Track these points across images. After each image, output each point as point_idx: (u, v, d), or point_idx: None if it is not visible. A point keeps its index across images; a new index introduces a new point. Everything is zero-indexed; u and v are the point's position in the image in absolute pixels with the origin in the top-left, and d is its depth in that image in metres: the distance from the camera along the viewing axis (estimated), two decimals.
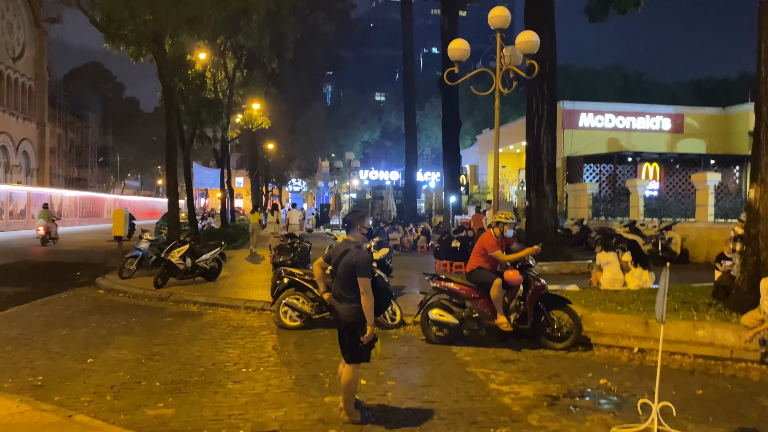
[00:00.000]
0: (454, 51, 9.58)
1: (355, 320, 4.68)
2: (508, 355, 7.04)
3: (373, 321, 4.68)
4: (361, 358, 4.77)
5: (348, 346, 4.78)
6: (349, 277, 4.67)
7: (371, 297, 4.63)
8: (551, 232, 14.72)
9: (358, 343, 4.68)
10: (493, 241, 7.63)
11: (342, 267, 4.74)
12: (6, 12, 47.71)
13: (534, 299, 7.37)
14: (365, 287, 4.61)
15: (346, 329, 4.77)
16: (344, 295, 4.75)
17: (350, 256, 4.68)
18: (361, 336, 4.64)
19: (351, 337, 4.73)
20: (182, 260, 11.97)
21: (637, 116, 28.11)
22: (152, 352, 7.11)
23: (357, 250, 4.73)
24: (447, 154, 22.50)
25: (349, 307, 4.70)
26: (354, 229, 4.92)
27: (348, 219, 5.04)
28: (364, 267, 4.64)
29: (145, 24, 16.44)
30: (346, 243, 4.86)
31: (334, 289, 4.90)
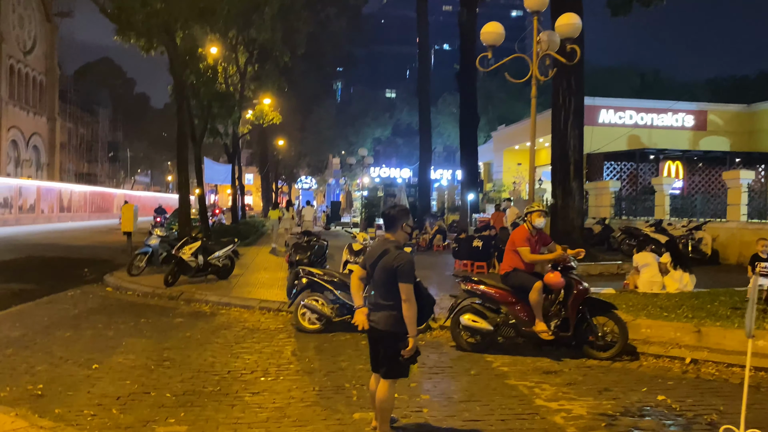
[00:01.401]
0: (487, 35, 8.98)
1: (394, 330, 4.10)
2: (549, 366, 6.45)
3: (416, 332, 4.10)
4: (399, 374, 4.20)
5: (385, 360, 4.18)
6: (389, 282, 4.09)
7: (414, 305, 4.05)
8: (578, 231, 14.07)
9: (396, 356, 4.09)
10: (523, 236, 7.06)
11: (380, 270, 4.15)
12: (17, 6, 47.51)
13: (577, 304, 6.77)
14: (408, 294, 4.02)
15: (383, 340, 4.18)
16: (381, 301, 4.16)
17: (390, 259, 4.09)
18: (402, 349, 4.06)
19: (388, 349, 4.14)
20: (194, 257, 11.47)
21: (659, 113, 27.39)
22: (162, 358, 6.58)
23: (398, 252, 4.12)
24: (464, 151, 21.86)
25: (388, 315, 4.12)
26: (396, 226, 4.26)
27: (390, 215, 4.32)
28: (406, 271, 4.04)
29: (157, 14, 15.98)
30: (385, 243, 4.25)
31: (373, 294, 4.30)
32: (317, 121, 55.13)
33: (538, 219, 7.10)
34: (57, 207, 37.82)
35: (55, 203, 37.51)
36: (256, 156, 58.36)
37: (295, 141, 55.83)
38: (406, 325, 4.04)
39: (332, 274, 8.47)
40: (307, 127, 54.96)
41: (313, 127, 55.15)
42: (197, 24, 18.69)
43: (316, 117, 55.17)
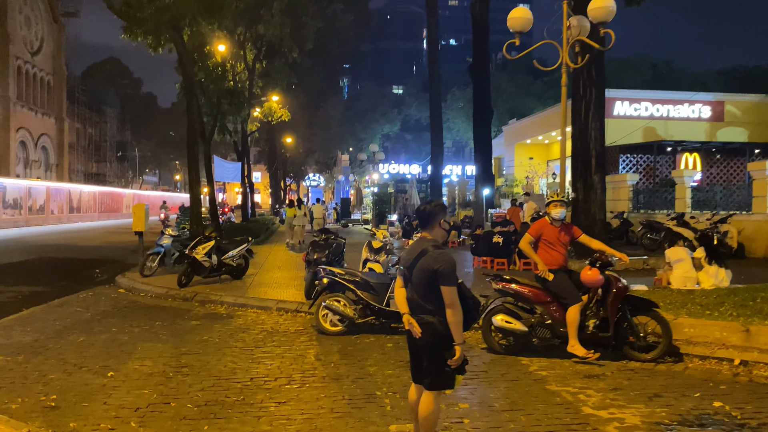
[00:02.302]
0: (514, 20, 8.58)
1: (437, 337, 3.74)
2: (590, 369, 6.08)
3: (463, 339, 3.73)
4: (445, 385, 3.83)
5: (429, 370, 3.81)
6: (429, 286, 3.71)
7: (459, 309, 3.67)
8: (600, 225, 13.65)
9: (442, 366, 3.73)
10: (537, 225, 6.78)
11: (419, 272, 3.76)
12: (24, 6, 47.38)
13: (616, 303, 6.39)
14: (452, 298, 3.65)
15: (425, 348, 3.81)
16: (426, 306, 3.78)
17: (429, 260, 3.70)
18: (448, 358, 3.69)
19: (433, 358, 3.78)
20: (208, 257, 11.15)
21: (675, 104, 26.88)
22: (180, 364, 6.25)
23: (437, 252, 3.73)
24: (478, 145, 21.43)
25: (436, 322, 3.75)
26: (433, 224, 3.87)
27: (425, 211, 3.92)
28: (448, 273, 3.67)
29: (165, 9, 15.68)
30: (422, 242, 3.87)
31: (409, 299, 3.92)
32: (325, 118, 54.85)
33: (555, 210, 6.76)
34: (66, 207, 37.69)
35: (64, 204, 37.38)
36: (264, 154, 58.19)
37: (303, 138, 55.58)
38: (451, 331, 3.68)
39: (354, 273, 8.13)
40: (315, 123, 54.70)
41: (321, 123, 54.87)
42: (205, 20, 18.40)
43: (323, 114, 54.89)
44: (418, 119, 57.23)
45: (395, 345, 7.10)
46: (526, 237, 6.79)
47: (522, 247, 6.82)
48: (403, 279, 3.97)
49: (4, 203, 29.92)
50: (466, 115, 47.48)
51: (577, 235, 6.91)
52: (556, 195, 6.93)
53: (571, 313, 6.32)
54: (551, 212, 6.71)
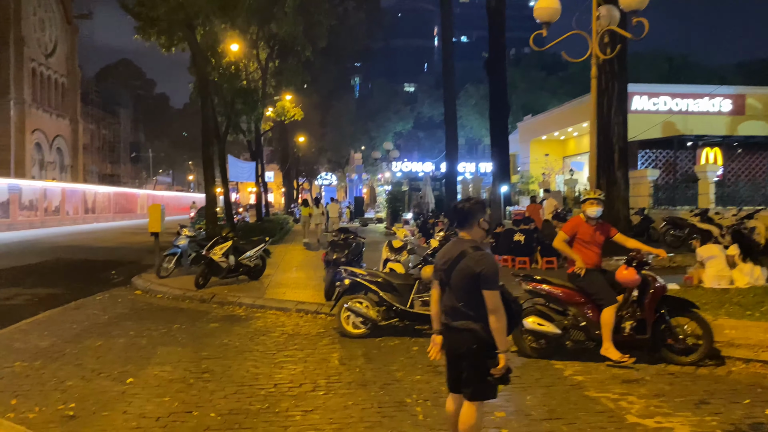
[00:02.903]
0: (541, 10, 8.29)
1: (479, 345, 3.48)
2: (627, 373, 5.80)
3: (507, 346, 3.48)
4: (487, 394, 3.58)
5: (471, 380, 3.56)
6: (470, 290, 3.45)
7: (503, 315, 3.42)
8: (624, 222, 13.29)
9: (485, 375, 3.48)
10: (571, 222, 6.51)
11: (458, 276, 3.50)
12: (38, 9, 47.66)
13: (654, 304, 6.10)
14: (495, 303, 3.39)
15: (466, 357, 3.56)
16: (467, 312, 3.52)
17: (470, 262, 3.45)
18: (491, 367, 3.44)
19: (473, 367, 3.53)
20: (225, 258, 10.96)
21: (694, 98, 26.32)
22: (201, 369, 6.05)
23: (478, 254, 3.48)
24: (495, 141, 21.08)
25: (475, 331, 3.49)
26: (471, 223, 3.60)
27: (463, 209, 3.64)
28: (491, 276, 3.41)
29: (179, 8, 15.55)
30: (460, 243, 3.61)
31: (446, 304, 3.66)
32: (337, 117, 54.68)
33: (591, 208, 6.48)
34: (82, 208, 37.83)
35: (79, 205, 37.52)
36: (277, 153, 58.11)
37: (316, 137, 55.44)
38: (493, 338, 3.43)
39: (375, 274, 7.90)
40: (328, 122, 54.55)
41: (333, 122, 54.72)
42: (218, 18, 18.28)
43: (336, 112, 54.72)
44: (430, 116, 56.93)
45: (421, 348, 6.85)
46: (560, 235, 6.51)
47: (557, 246, 6.53)
48: (439, 283, 3.71)
49: (20, 205, 30.04)
50: (479, 112, 47.13)
51: (613, 234, 6.63)
52: (592, 192, 6.63)
53: (606, 315, 6.05)
54: (586, 210, 6.44)
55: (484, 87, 45.45)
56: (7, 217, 28.66)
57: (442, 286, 3.68)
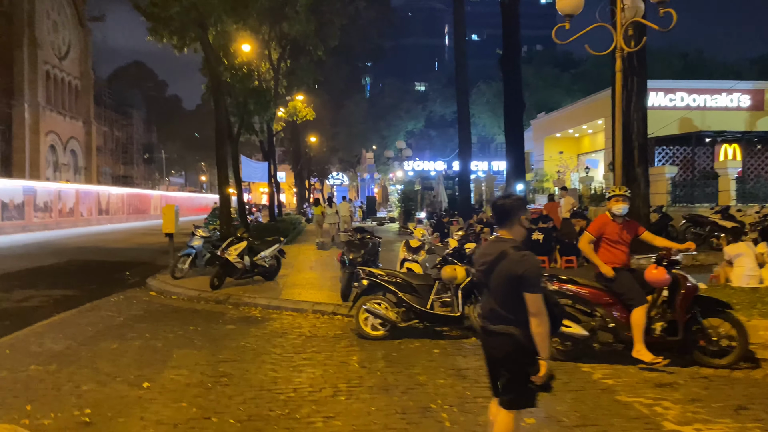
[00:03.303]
0: (564, 3, 8.07)
1: (519, 351, 3.29)
2: (659, 377, 5.59)
3: (549, 353, 3.29)
4: (525, 402, 3.39)
5: (510, 387, 3.37)
6: (510, 293, 3.26)
7: (546, 319, 3.22)
8: (644, 220, 13.01)
9: (523, 382, 3.30)
10: (597, 222, 6.27)
11: (498, 277, 3.31)
12: (51, 12, 47.98)
13: (685, 304, 5.88)
14: (537, 306, 3.20)
15: (504, 363, 3.38)
16: (507, 316, 3.32)
17: (511, 263, 3.25)
18: (532, 374, 3.26)
19: (512, 373, 3.34)
20: (240, 258, 10.85)
21: (712, 94, 25.95)
22: (218, 372, 5.92)
23: (520, 254, 3.28)
24: (510, 139, 20.79)
25: (516, 336, 3.30)
26: (512, 220, 3.41)
27: (503, 206, 3.44)
28: (534, 278, 3.23)
29: (191, 7, 15.49)
30: (499, 243, 3.40)
31: (484, 307, 3.50)
32: (348, 116, 54.56)
33: (617, 205, 6.25)
34: (96, 210, 37.98)
35: (93, 206, 37.67)
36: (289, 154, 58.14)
37: (327, 137, 55.37)
38: (534, 343, 3.25)
39: (394, 274, 7.73)
40: (339, 122, 54.45)
41: (344, 122, 54.61)
42: (230, 18, 18.19)
43: (347, 112, 54.61)
44: (442, 115, 56.66)
45: (442, 351, 6.68)
46: (585, 236, 6.29)
47: (582, 248, 6.31)
48: (478, 284, 3.55)
49: (35, 206, 30.18)
50: (491, 110, 46.83)
51: (641, 233, 6.41)
52: (618, 189, 6.41)
53: (636, 316, 5.83)
54: (612, 208, 6.23)
55: (497, 84, 45.24)
56: (23, 219, 28.81)
57: (480, 287, 3.52)
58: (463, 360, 6.29)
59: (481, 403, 4.95)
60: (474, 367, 5.99)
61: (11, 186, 28.76)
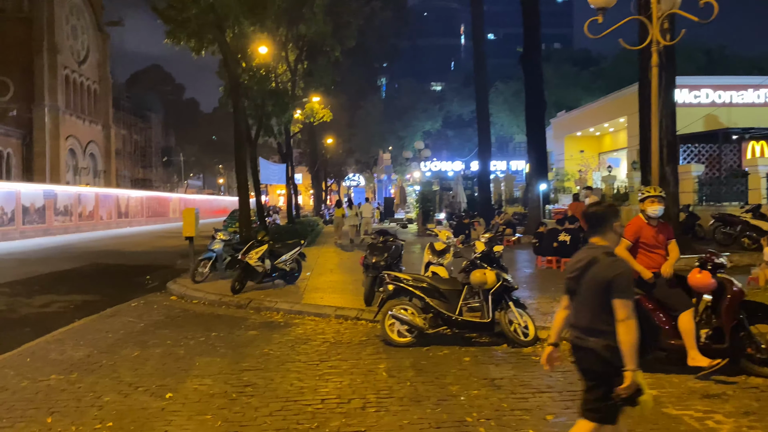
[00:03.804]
0: None
1: (606, 363, 3.13)
2: (706, 386, 5.29)
3: (636, 364, 3.06)
4: (606, 418, 3.18)
5: (591, 399, 3.21)
6: (601, 301, 3.15)
7: (634, 327, 3.05)
8: (673, 220, 12.66)
9: (608, 396, 3.13)
10: (633, 227, 5.95)
11: (588, 284, 3.21)
12: (70, 17, 48.45)
13: (731, 310, 5.57)
14: (626, 313, 3.06)
15: (591, 373, 3.23)
16: (596, 326, 3.18)
17: (601, 269, 3.16)
18: (615, 385, 3.07)
19: (597, 386, 3.19)
20: (261, 262, 10.69)
21: (738, 90, 25.33)
22: (242, 382, 5.72)
23: (611, 260, 3.19)
24: (532, 138, 20.53)
25: (607, 345, 3.13)
26: (605, 227, 3.35)
27: (596, 214, 3.39)
28: (624, 284, 3.11)
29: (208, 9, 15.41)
30: (592, 249, 3.32)
31: (577, 316, 3.34)
32: (365, 117, 54.41)
33: (652, 206, 5.95)
34: (115, 213, 38.23)
35: (113, 209, 37.92)
36: (306, 155, 58.18)
37: (344, 138, 55.29)
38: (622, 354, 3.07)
39: (420, 278, 7.49)
40: (355, 123, 54.33)
41: (360, 123, 54.48)
42: (248, 20, 18.10)
43: (363, 113, 54.47)
44: (459, 115, 56.27)
45: (473, 359, 6.43)
46: (623, 242, 5.94)
47: (620, 255, 6.00)
48: (568, 292, 3.42)
49: (56, 210, 30.41)
50: (509, 109, 46.37)
51: (671, 237, 6.11)
52: (652, 189, 6.11)
53: (684, 321, 5.53)
54: (647, 209, 5.92)
55: (514, 83, 44.80)
56: (43, 223, 29.04)
57: (571, 295, 3.39)
58: (495, 369, 6.04)
59: (519, 416, 4.71)
60: (508, 377, 5.74)
61: (32, 190, 29.00)
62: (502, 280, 7.01)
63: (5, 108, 43.51)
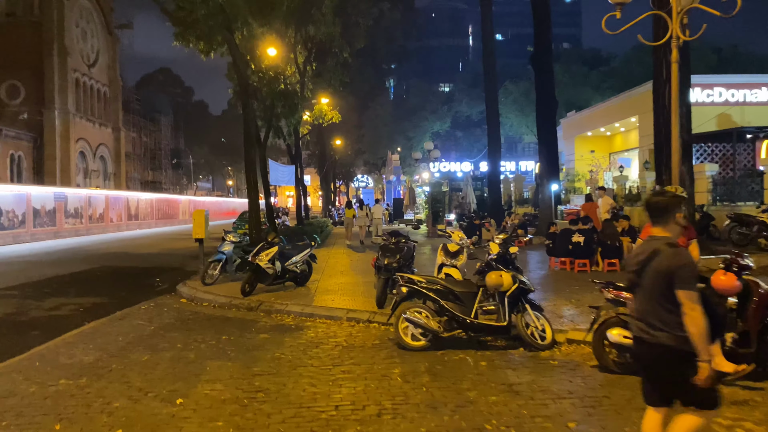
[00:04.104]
0: None
1: (674, 355, 3.12)
2: (732, 393, 5.11)
3: (709, 354, 3.08)
4: (711, 402, 3.21)
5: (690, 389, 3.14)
6: (664, 292, 3.13)
7: (700, 318, 3.04)
8: (690, 220, 12.44)
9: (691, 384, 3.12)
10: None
11: (651, 276, 3.20)
12: (80, 20, 48.67)
13: (759, 312, 5.40)
14: (692, 304, 3.05)
15: (670, 367, 3.17)
16: (663, 319, 3.15)
17: (664, 260, 3.13)
18: (691, 376, 3.07)
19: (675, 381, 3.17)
20: (271, 264, 10.58)
21: (751, 88, 25.01)
22: (254, 387, 5.60)
23: (673, 250, 3.15)
24: (543, 137, 20.34)
25: (666, 337, 3.13)
26: (667, 218, 3.29)
27: (658, 204, 3.33)
28: (687, 274, 3.09)
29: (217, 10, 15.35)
30: (653, 241, 3.28)
31: (639, 309, 3.30)
32: (373, 118, 54.28)
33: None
34: (125, 215, 38.31)
35: (123, 211, 38.00)
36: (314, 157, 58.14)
37: (352, 139, 55.20)
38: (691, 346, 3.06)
39: (434, 281, 7.34)
40: (364, 124, 54.23)
41: (369, 124, 54.36)
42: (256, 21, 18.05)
43: (372, 114, 54.36)
44: (468, 115, 56.02)
45: (489, 363, 6.28)
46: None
47: None
48: (630, 287, 3.40)
49: (66, 213, 30.49)
50: (519, 109, 46.09)
51: (693, 237, 5.95)
52: (675, 189, 5.92)
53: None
54: None
55: (523, 83, 44.56)
56: (54, 225, 29.12)
57: (634, 288, 3.35)
58: (513, 374, 5.88)
59: (540, 424, 4.56)
60: (527, 382, 5.58)
61: (43, 193, 29.09)
62: (518, 282, 6.86)
63: (16, 111, 43.75)
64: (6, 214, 25.25)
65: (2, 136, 40.37)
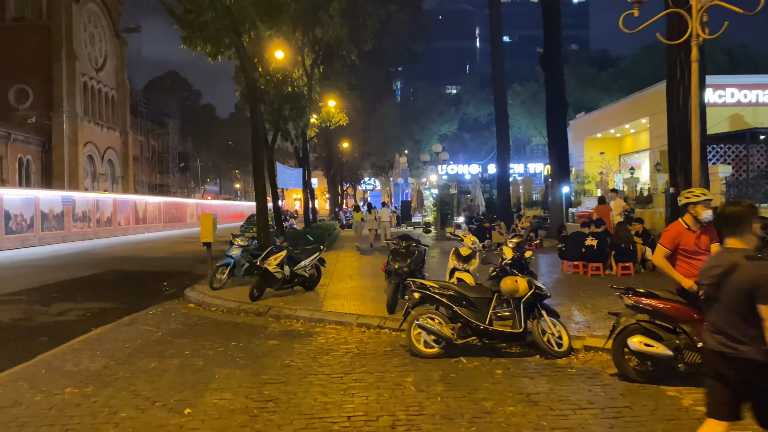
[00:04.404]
0: None
1: (757, 371, 3.02)
2: None
3: None
4: None
5: None
6: (746, 307, 3.01)
7: None
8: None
9: None
10: (671, 232, 5.58)
11: (732, 292, 3.06)
12: (88, 24, 48.83)
13: None
14: None
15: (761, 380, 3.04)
16: (747, 332, 3.02)
17: (744, 275, 3.01)
18: None
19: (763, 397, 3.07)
20: (280, 268, 10.44)
21: (764, 89, 24.73)
22: (264, 396, 5.46)
23: (754, 264, 3.03)
24: (553, 140, 20.15)
25: (761, 351, 3.01)
26: (743, 228, 3.19)
27: (733, 214, 3.22)
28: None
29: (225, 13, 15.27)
30: (729, 253, 3.16)
31: (716, 323, 3.17)
32: (381, 121, 54.18)
33: (705, 211, 5.56)
34: (133, 219, 38.34)
35: (131, 215, 38.03)
36: (321, 160, 58.10)
37: (360, 142, 55.12)
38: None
39: (447, 286, 7.18)
40: (371, 127, 54.13)
41: (377, 126, 54.26)
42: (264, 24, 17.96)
43: (379, 116, 54.26)
44: (476, 118, 55.84)
45: (505, 371, 6.10)
46: (661, 250, 5.60)
47: (658, 263, 5.64)
48: (706, 300, 3.26)
49: (74, 216, 30.52)
50: (527, 111, 45.86)
51: (715, 241, 5.73)
52: (700, 191, 5.71)
53: None
54: (699, 214, 5.55)
55: (532, 85, 44.32)
56: (62, 229, 29.14)
57: (709, 302, 3.22)
58: (530, 383, 5.70)
59: None
60: (545, 391, 5.40)
61: (51, 196, 29.12)
62: (534, 287, 6.68)
63: (25, 115, 43.89)
64: (14, 218, 25.28)
65: (11, 140, 40.51)
